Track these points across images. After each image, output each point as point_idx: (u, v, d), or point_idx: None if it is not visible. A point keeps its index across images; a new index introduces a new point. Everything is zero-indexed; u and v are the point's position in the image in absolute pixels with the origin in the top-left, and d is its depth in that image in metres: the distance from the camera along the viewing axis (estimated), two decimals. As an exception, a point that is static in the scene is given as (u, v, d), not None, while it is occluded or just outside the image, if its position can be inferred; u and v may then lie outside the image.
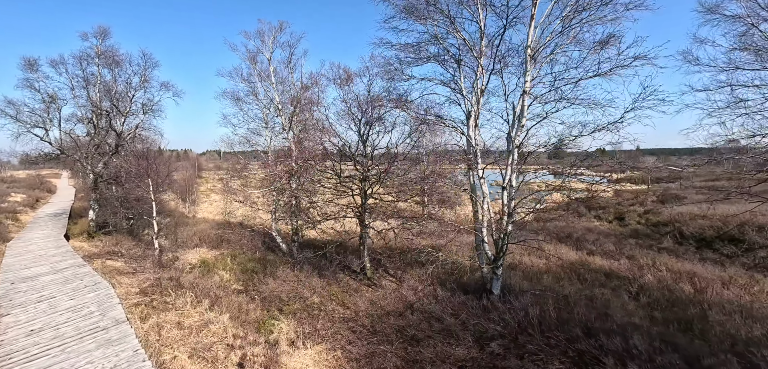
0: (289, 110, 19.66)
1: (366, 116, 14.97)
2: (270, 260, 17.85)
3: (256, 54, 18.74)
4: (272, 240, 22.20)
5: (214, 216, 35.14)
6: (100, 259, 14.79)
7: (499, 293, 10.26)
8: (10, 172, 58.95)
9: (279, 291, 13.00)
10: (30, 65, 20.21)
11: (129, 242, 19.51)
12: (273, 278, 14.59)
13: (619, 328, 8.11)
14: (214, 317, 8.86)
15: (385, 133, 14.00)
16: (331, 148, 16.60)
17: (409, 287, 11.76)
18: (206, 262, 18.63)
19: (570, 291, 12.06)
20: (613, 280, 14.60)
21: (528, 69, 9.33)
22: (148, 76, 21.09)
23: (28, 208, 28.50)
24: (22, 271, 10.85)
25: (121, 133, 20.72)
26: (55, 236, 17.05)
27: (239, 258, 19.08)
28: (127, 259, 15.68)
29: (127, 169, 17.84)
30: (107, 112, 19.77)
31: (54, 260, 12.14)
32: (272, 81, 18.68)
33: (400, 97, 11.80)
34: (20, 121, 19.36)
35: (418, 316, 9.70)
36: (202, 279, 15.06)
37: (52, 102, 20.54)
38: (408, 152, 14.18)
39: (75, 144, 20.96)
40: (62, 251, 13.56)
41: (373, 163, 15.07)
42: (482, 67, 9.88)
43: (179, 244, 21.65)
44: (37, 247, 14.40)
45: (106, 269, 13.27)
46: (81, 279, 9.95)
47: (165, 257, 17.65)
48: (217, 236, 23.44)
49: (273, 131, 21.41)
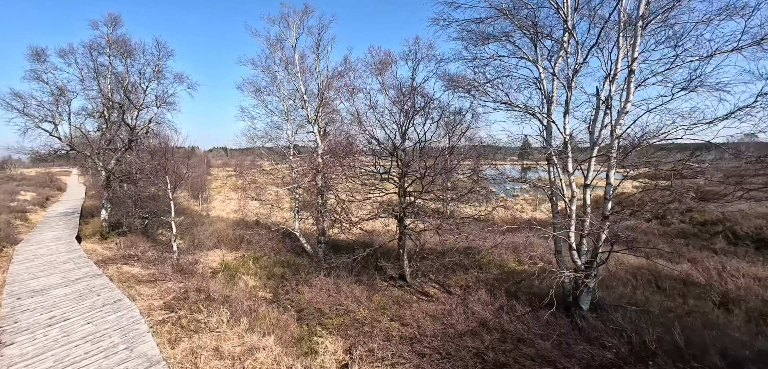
0: (315, 101, 18.10)
1: (408, 106, 13.35)
2: (297, 264, 16.38)
3: (280, 40, 17.18)
4: (294, 240, 20.77)
5: (228, 214, 33.83)
6: (116, 265, 13.44)
7: (588, 308, 8.65)
8: (20, 170, 58.30)
9: (317, 301, 11.50)
10: (37, 55, 18.90)
11: (144, 244, 18.18)
12: (307, 285, 13.09)
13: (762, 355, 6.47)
14: (257, 341, 7.36)
15: (432, 123, 12.33)
16: (365, 141, 15.05)
17: (478, 300, 10.15)
18: (228, 265, 17.22)
19: (655, 302, 10.41)
20: (689, 288, 12.92)
21: (636, 42, 7.64)
22: (161, 66, 19.68)
23: (38, 207, 27.39)
24: (30, 282, 9.47)
25: (134, 127, 19.33)
26: (67, 238, 15.73)
27: (262, 261, 17.65)
28: (144, 264, 14.33)
29: (142, 166, 16.44)
30: (120, 105, 18.39)
31: (66, 268, 10.76)
32: (297, 69, 17.13)
33: (466, 80, 10.14)
34: (28, 115, 18.06)
35: (496, 335, 8.13)
36: (227, 286, 13.67)
37: (61, 95, 19.22)
38: (456, 146, 12.53)
39: (86, 139, 19.64)
40: (74, 257, 12.20)
41: (416, 157, 13.47)
42: (577, 40, 8.20)
43: (196, 244, 20.27)
44: (48, 251, 13.06)
45: (122, 277, 11.88)
46: (98, 294, 8.51)
47: (183, 260, 16.25)
48: (236, 236, 22.05)
49: (295, 124, 19.89)
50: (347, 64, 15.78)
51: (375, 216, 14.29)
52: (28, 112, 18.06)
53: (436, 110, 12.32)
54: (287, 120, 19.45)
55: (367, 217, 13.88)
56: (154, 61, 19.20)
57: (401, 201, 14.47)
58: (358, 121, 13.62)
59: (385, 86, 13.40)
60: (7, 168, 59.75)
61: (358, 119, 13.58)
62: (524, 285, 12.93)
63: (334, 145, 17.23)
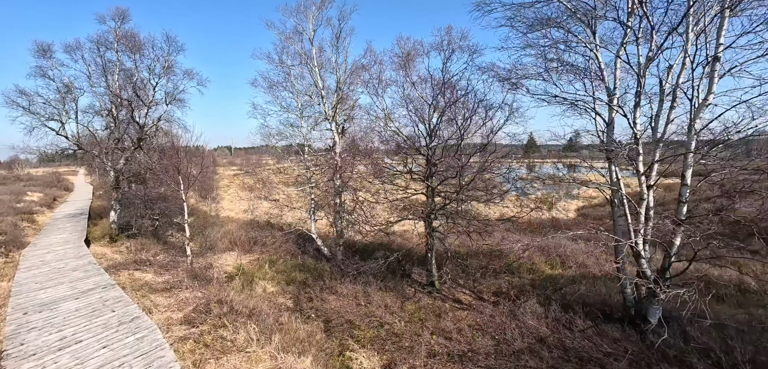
0: (333, 97, 17.19)
1: (439, 100, 12.40)
2: (317, 269, 15.51)
3: (297, 31, 16.27)
4: (309, 242, 19.93)
5: (237, 214, 33.09)
6: (127, 270, 12.66)
7: (656, 322, 7.71)
8: (28, 170, 57.98)
9: (345, 311, 10.63)
10: (43, 51, 18.17)
11: (155, 247, 17.41)
12: (331, 293, 12.23)
13: None
14: (293, 362, 6.49)
15: (465, 119, 11.36)
16: (390, 138, 14.13)
17: (531, 312, 9.20)
18: (243, 269, 16.40)
19: (723, 314, 9.43)
20: (746, 296, 11.95)
21: (723, 25, 6.65)
22: (171, 62, 18.86)
23: (45, 208, 26.75)
24: (37, 293, 8.67)
25: (144, 125, 18.54)
26: (75, 242, 14.98)
27: (279, 264, 16.81)
28: (156, 269, 13.54)
29: (153, 166, 15.65)
30: (129, 102, 17.59)
31: (76, 276, 9.96)
32: (315, 63, 16.22)
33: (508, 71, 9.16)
34: (33, 114, 17.31)
35: (557, 353, 7.20)
36: (245, 292, 12.85)
37: (67, 92, 18.47)
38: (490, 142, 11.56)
39: (93, 138, 18.88)
40: (84, 263, 11.41)
41: (449, 155, 12.53)
42: (652, 23, 7.20)
43: (209, 247, 19.48)
44: (55, 257, 12.30)
45: (135, 284, 11.08)
46: (112, 309, 7.68)
47: (197, 264, 15.44)
48: (249, 238, 21.21)
49: (311, 121, 19.00)
50: (372, 56, 14.83)
51: (403, 218, 13.38)
52: (33, 110, 17.32)
53: (469, 104, 11.36)
54: (302, 117, 18.57)
55: (396, 220, 12.97)
56: (163, 57, 18.41)
57: (430, 202, 13.57)
58: (385, 117, 12.68)
59: (413, 79, 12.45)
60: (14, 168, 59.51)
61: (386, 115, 12.65)
62: (567, 292, 11.99)
63: (355, 142, 16.35)
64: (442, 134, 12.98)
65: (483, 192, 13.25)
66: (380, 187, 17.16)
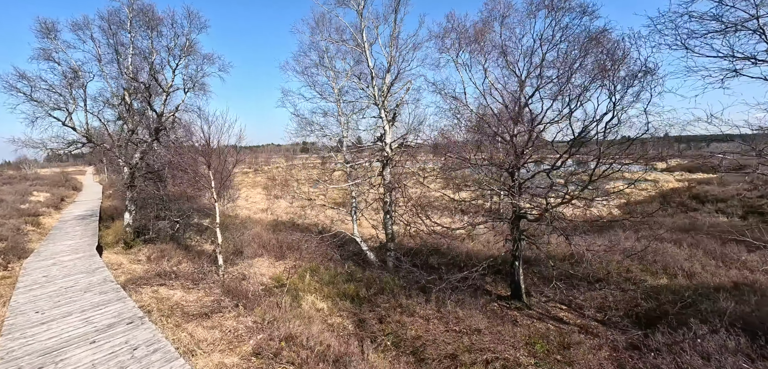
0: (380, 81, 14.66)
1: (533, 66, 9.82)
2: (370, 279, 13.04)
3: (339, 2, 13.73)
4: (349, 246, 17.50)
5: (256, 214, 30.82)
6: (150, 286, 10.29)
7: None
8: (35, 170, 56.26)
9: (436, 339, 8.13)
10: (47, 30, 15.85)
11: (176, 253, 15.10)
12: (404, 312, 9.75)
13: None
14: None
15: (623, 87, 8.57)
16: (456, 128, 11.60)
17: (720, 347, 6.61)
18: (281, 280, 14.00)
19: None
20: None
21: None
22: (193, 41, 16.44)
23: (52, 209, 24.61)
24: (37, 330, 6.28)
25: (162, 113, 16.17)
26: (85, 250, 12.67)
27: (321, 273, 14.39)
28: (184, 283, 11.18)
29: (172, 160, 13.28)
30: (146, 87, 15.21)
31: (89, 301, 7.58)
32: (363, 36, 13.69)
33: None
34: (36, 101, 14.98)
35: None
36: (295, 312, 10.43)
37: (75, 77, 16.13)
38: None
39: (105, 129, 16.56)
40: (98, 280, 9.05)
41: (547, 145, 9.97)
42: None
43: (235, 251, 17.08)
44: (63, 271, 9.96)
45: (163, 306, 8.69)
46: (139, 361, 5.23)
47: (227, 275, 13.07)
48: (278, 241, 18.81)
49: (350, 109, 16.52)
50: (452, 21, 11.96)
51: (483, 222, 10.83)
52: (36, 98, 15.00)
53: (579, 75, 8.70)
54: (340, 102, 16.05)
55: (482, 221, 10.43)
56: (184, 35, 15.99)
57: (517, 199, 11.04)
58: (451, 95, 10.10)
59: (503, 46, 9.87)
60: (22, 168, 57.83)
61: (487, 94, 10.07)
62: (705, 310, 9.40)
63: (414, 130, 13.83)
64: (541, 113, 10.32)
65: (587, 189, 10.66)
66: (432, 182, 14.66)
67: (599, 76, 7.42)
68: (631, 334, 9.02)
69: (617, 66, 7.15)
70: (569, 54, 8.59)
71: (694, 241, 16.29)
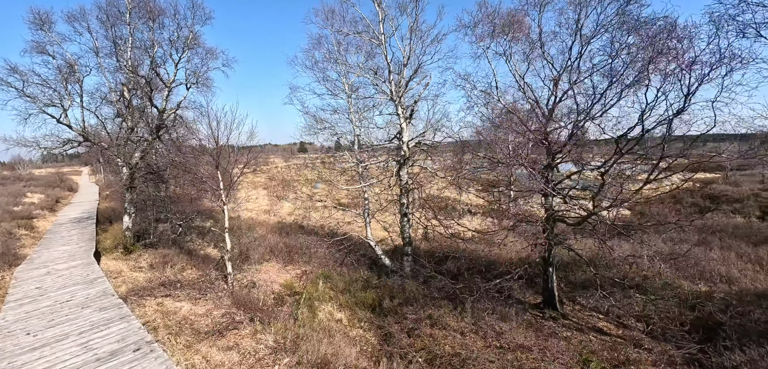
0: (396, 76, 13.79)
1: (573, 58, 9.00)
2: (390, 288, 12.18)
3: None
4: (361, 250, 16.64)
5: (258, 215, 29.87)
6: (154, 298, 9.41)
7: None
8: (30, 170, 54.92)
9: (474, 356, 7.29)
10: (41, 21, 14.89)
11: (179, 258, 14.17)
12: (433, 324, 8.91)
13: None
14: None
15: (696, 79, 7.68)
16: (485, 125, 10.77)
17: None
18: (293, 287, 13.15)
19: None
20: None
21: None
22: (197, 34, 15.52)
23: (46, 211, 23.56)
24: (29, 360, 5.38)
25: (163, 110, 15.24)
26: (82, 256, 11.76)
27: (335, 280, 13.53)
28: (189, 292, 10.31)
29: (181, 161, 12.38)
30: (147, 81, 14.27)
31: (88, 319, 6.69)
32: (381, 30, 12.83)
33: None
34: (28, 97, 13.99)
35: None
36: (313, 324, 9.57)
37: (70, 72, 15.15)
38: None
39: (102, 126, 15.60)
40: (97, 293, 8.16)
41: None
42: None
43: (241, 255, 16.18)
44: (58, 282, 9.06)
45: (171, 323, 7.83)
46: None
47: (235, 282, 12.19)
48: (286, 245, 17.94)
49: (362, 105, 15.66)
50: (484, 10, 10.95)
51: (513, 226, 10.01)
52: (29, 93, 14.01)
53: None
54: (350, 98, 15.18)
55: (513, 224, 9.61)
56: (187, 27, 15.07)
57: (549, 200, 10.24)
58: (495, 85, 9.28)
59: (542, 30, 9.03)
60: (17, 168, 56.41)
61: (520, 88, 9.24)
62: (757, 319, 8.64)
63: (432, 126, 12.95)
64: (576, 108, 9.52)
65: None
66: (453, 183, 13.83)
67: (670, 66, 6.62)
68: (685, 347, 8.25)
69: (688, 58, 6.34)
70: (618, 42, 7.79)
71: (725, 244, 15.57)
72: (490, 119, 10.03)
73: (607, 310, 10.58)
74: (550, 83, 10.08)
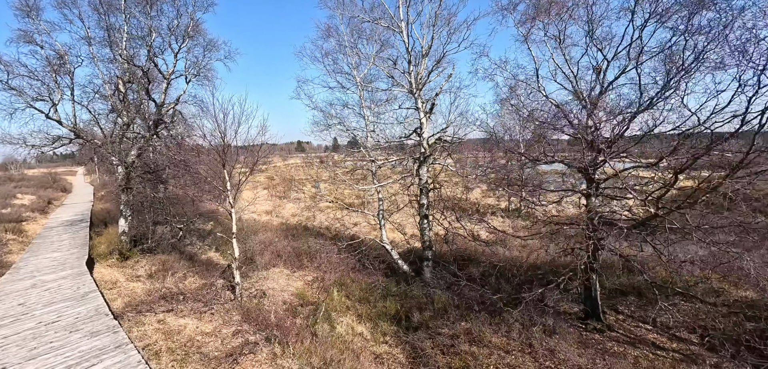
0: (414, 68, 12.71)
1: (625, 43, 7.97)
2: (415, 297, 11.13)
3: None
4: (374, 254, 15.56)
5: (261, 216, 28.71)
6: (154, 314, 8.33)
7: None
8: (22, 170, 53.32)
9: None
10: (28, 8, 13.73)
11: (181, 265, 13.09)
12: (472, 341, 7.87)
13: None
14: None
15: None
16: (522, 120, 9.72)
17: None
18: (305, 296, 12.06)
19: None
20: None
21: None
22: (198, 21, 14.38)
23: (37, 213, 22.33)
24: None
25: (162, 104, 14.09)
26: (73, 264, 10.63)
27: (351, 288, 12.45)
28: (194, 305, 9.26)
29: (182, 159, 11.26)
30: (144, 72, 13.11)
31: (77, 352, 5.60)
32: (402, 16, 11.74)
33: None
34: (14, 90, 12.82)
35: None
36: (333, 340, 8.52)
37: (61, 63, 13.98)
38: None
39: (95, 122, 14.43)
40: (89, 312, 7.05)
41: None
42: None
43: (247, 260, 15.07)
44: (44, 300, 7.93)
45: (174, 346, 6.75)
46: None
47: (243, 291, 11.09)
48: (293, 249, 16.82)
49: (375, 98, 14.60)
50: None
51: (557, 229, 8.98)
52: (14, 86, 12.84)
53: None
54: (362, 91, 14.10)
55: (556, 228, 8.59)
56: (187, 14, 13.92)
57: (592, 201, 9.23)
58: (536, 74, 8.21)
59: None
60: (9, 168, 54.72)
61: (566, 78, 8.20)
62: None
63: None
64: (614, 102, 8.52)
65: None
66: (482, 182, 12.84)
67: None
68: (756, 364, 7.29)
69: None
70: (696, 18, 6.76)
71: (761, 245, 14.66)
72: (533, 113, 8.96)
73: (653, 320, 9.60)
74: (595, 71, 9.06)
